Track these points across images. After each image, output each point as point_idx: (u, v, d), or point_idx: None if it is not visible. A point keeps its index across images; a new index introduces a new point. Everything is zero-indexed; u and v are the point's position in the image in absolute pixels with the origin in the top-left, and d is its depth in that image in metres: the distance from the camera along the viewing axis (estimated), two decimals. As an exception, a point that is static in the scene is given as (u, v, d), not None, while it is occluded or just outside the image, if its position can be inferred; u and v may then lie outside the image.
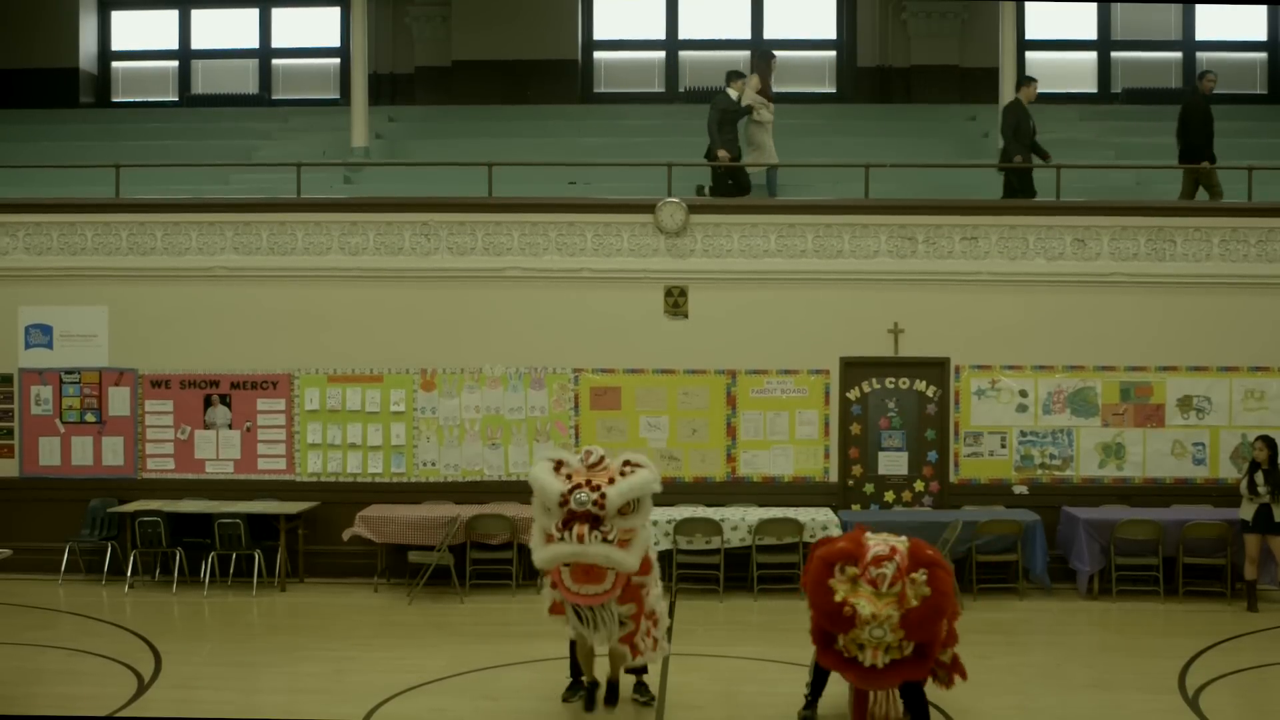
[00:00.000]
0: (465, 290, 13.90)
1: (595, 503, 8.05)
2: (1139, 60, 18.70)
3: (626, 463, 8.43)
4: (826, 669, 8.76)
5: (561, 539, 8.13)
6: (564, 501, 8.11)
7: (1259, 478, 12.21)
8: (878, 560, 7.88)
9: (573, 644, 9.15)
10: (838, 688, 8.75)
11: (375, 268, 13.92)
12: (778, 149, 15.93)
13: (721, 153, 14.42)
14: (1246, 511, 12.33)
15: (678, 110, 18.07)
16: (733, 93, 14.71)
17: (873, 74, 18.46)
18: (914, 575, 7.83)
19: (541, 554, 8.31)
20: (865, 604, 7.77)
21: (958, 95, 17.78)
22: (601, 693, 9.08)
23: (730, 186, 14.54)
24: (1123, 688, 9.78)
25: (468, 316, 13.89)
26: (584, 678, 9.09)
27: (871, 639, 7.78)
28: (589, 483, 8.17)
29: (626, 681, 9.20)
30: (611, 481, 8.21)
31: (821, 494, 13.62)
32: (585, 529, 8.05)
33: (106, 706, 9.10)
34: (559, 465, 8.39)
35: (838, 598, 7.86)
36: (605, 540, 8.08)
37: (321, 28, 19.29)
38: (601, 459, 8.43)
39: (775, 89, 18.58)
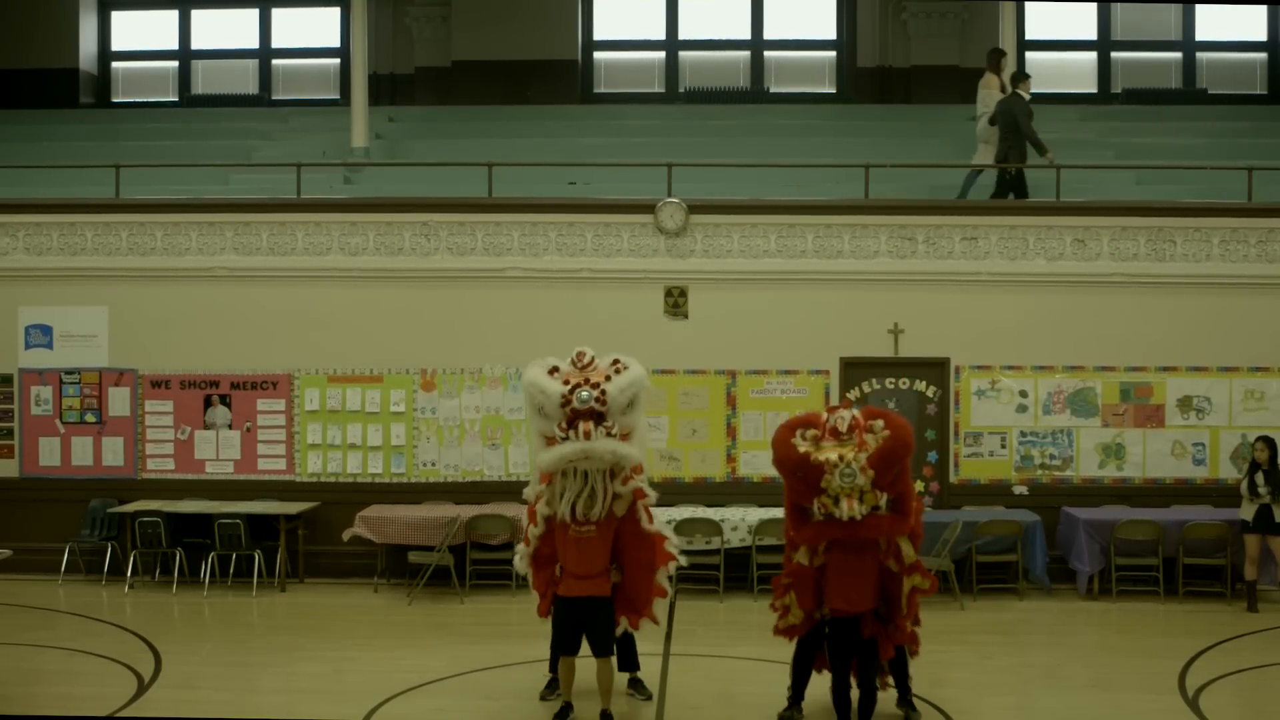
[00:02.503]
0: (465, 290, 13.90)
1: (597, 399, 8.18)
2: (1139, 60, 18.71)
3: (615, 361, 8.55)
4: (808, 669, 8.81)
5: (567, 438, 8.19)
6: (566, 401, 8.21)
7: (1259, 478, 12.21)
8: (833, 411, 8.43)
9: (553, 650, 9.13)
10: (819, 689, 8.78)
11: (375, 268, 13.92)
12: (777, 149, 15.97)
13: (1050, 154, 14.27)
14: (1247, 512, 12.33)
15: (678, 110, 18.09)
16: (1023, 93, 14.55)
17: (873, 74, 18.47)
18: (871, 424, 8.29)
19: (547, 456, 8.29)
20: (830, 450, 8.15)
21: (958, 95, 17.73)
22: None
23: (1016, 189, 14.44)
24: (1123, 688, 9.78)
25: (468, 317, 13.89)
26: (561, 696, 8.96)
27: (844, 484, 8.06)
28: (587, 380, 8.27)
29: (621, 695, 9.18)
30: (608, 379, 8.34)
31: (821, 494, 13.59)
32: (591, 425, 8.17)
33: (106, 706, 9.09)
34: (553, 370, 8.47)
35: (802, 450, 8.21)
36: (609, 435, 8.21)
37: (321, 28, 19.29)
38: (592, 360, 8.53)
39: (775, 89, 18.70)
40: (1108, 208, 13.99)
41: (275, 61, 19.32)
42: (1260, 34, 18.71)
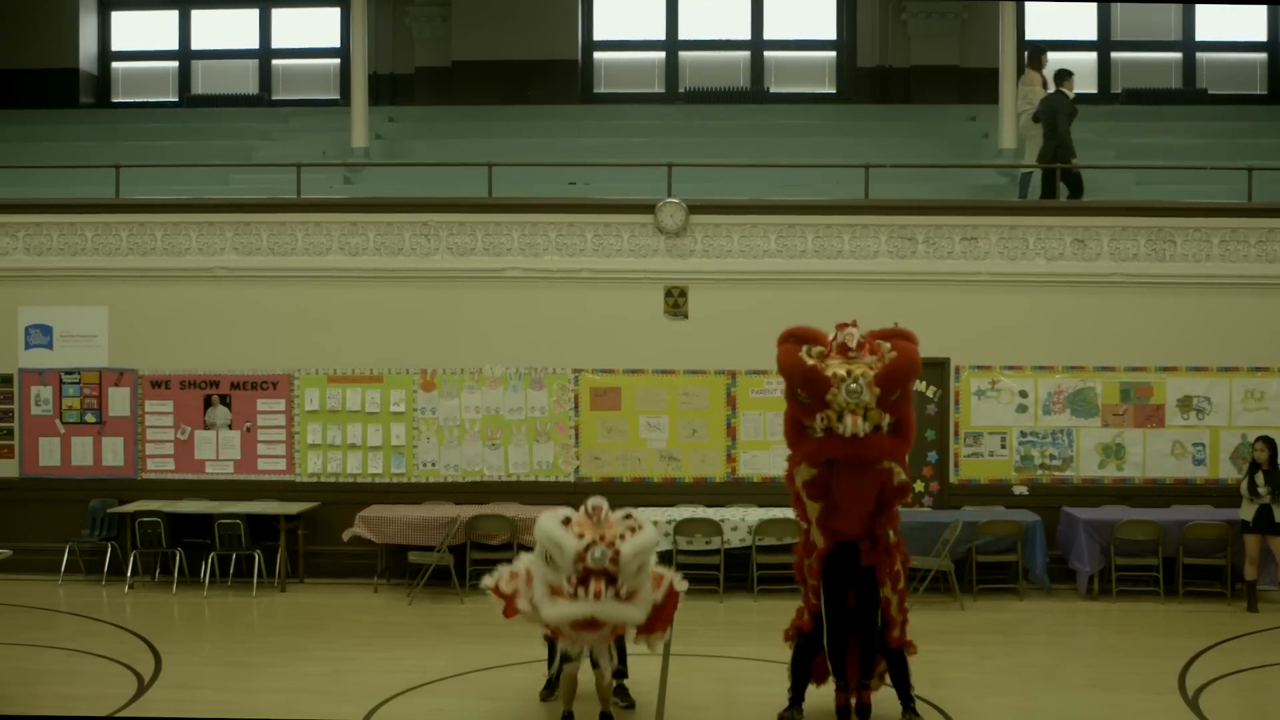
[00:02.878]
0: (465, 290, 13.90)
1: (611, 559, 8.03)
2: (1139, 60, 18.70)
3: (629, 516, 8.40)
4: (807, 669, 8.79)
5: (576, 595, 8.05)
6: (580, 558, 8.07)
7: (1259, 478, 12.21)
8: (841, 328, 8.33)
9: (550, 650, 9.10)
10: (820, 691, 8.78)
11: (375, 268, 13.92)
12: (777, 149, 15.97)
13: (1075, 159, 14.25)
14: (1247, 512, 12.33)
15: (678, 110, 18.09)
16: (1067, 91, 14.48)
17: (873, 74, 18.46)
18: (879, 344, 8.26)
19: (554, 611, 8.10)
20: (838, 365, 8.10)
21: (958, 95, 17.77)
22: None
23: (1069, 188, 14.35)
24: (1123, 688, 9.78)
25: (467, 317, 13.89)
26: (564, 707, 8.95)
27: (850, 399, 8.00)
28: (602, 538, 8.14)
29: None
30: (622, 538, 8.18)
31: (821, 494, 13.58)
32: (602, 585, 8.01)
33: (106, 706, 9.10)
34: (566, 521, 8.34)
35: (809, 363, 8.16)
36: (618, 596, 8.08)
37: (321, 28, 19.29)
38: (606, 514, 8.36)
39: (775, 89, 18.70)
40: (1108, 208, 13.99)
41: (275, 61, 19.31)
42: (1260, 34, 18.70)
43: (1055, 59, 18.48)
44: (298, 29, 19.30)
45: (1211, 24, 18.59)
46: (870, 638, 8.47)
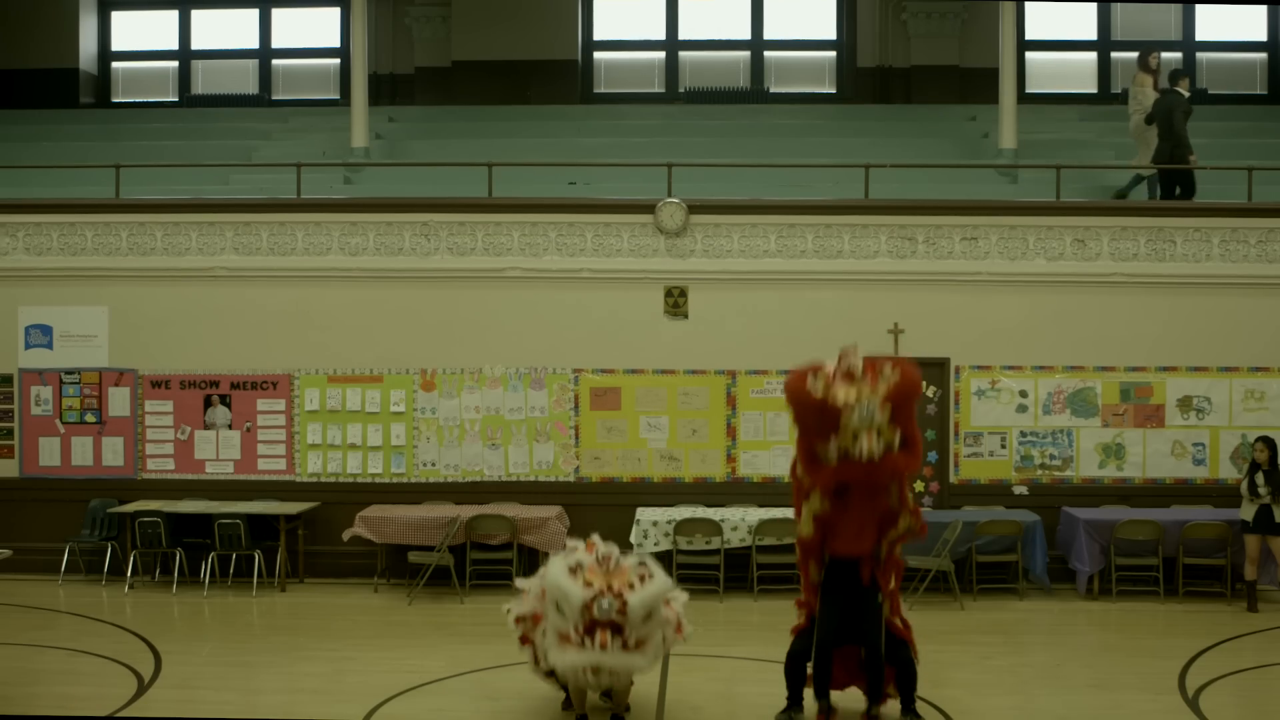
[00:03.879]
0: (465, 290, 13.90)
1: (618, 610, 8.10)
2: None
3: (641, 564, 8.44)
4: (803, 670, 8.79)
5: (582, 645, 8.15)
6: (587, 609, 8.14)
7: (1259, 478, 12.21)
8: (843, 356, 8.48)
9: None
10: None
11: (375, 268, 13.92)
12: (777, 149, 15.97)
13: (1193, 157, 14.25)
14: (1247, 512, 12.33)
15: (678, 110, 18.10)
16: (1183, 90, 14.46)
17: (873, 74, 18.47)
18: (881, 364, 8.47)
19: (562, 658, 8.26)
20: (846, 390, 8.25)
21: (958, 95, 17.78)
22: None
23: (1179, 189, 14.32)
24: (1123, 688, 9.78)
25: (467, 317, 13.90)
26: (577, 710, 8.97)
27: (863, 421, 8.16)
28: (610, 587, 8.20)
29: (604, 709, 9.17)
30: (631, 586, 8.24)
31: (821, 494, 13.57)
32: (608, 636, 8.09)
33: (106, 706, 9.10)
34: (575, 568, 8.37)
35: (818, 395, 8.30)
36: (625, 647, 8.15)
37: (321, 28, 19.30)
38: (617, 561, 8.39)
39: (775, 89, 18.71)
40: (1108, 208, 14.00)
41: (275, 61, 19.32)
42: (1260, 34, 18.70)
43: (1055, 59, 18.60)
44: (298, 29, 19.31)
45: (1211, 24, 18.59)
46: (876, 657, 8.48)
